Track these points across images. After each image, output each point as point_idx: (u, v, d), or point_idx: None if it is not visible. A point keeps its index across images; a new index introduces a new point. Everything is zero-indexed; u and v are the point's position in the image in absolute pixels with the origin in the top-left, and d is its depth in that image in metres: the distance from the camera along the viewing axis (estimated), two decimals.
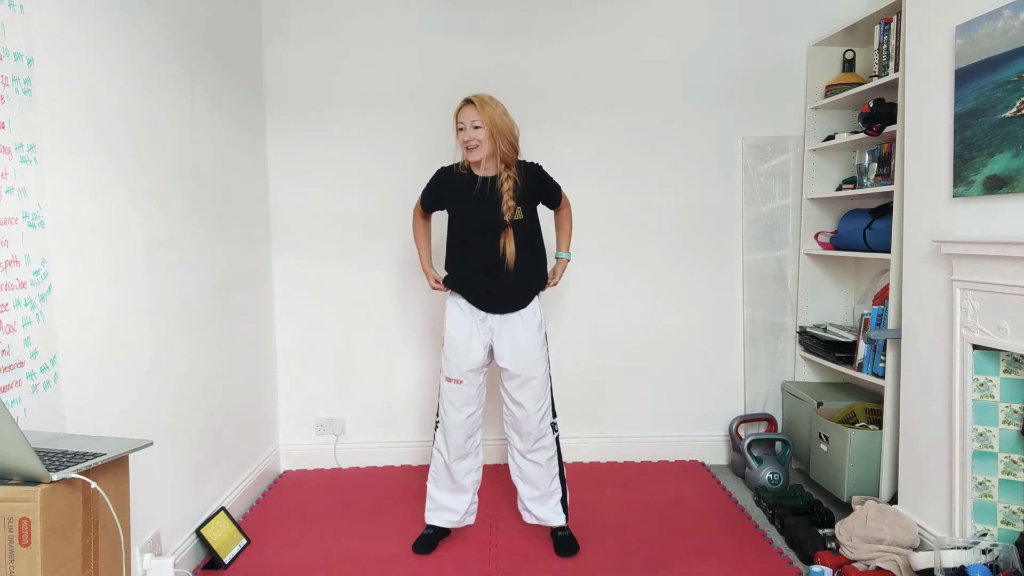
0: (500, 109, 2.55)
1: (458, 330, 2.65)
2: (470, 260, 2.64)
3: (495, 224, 2.57)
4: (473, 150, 2.54)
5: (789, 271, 3.62)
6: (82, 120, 1.98)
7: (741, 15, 3.55)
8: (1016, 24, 2.08)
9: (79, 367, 1.96)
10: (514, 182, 2.57)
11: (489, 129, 2.51)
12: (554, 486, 2.74)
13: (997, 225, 2.21)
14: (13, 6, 1.68)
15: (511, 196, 2.56)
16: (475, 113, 2.51)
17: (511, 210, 2.56)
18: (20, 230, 1.71)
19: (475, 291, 2.64)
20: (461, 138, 2.56)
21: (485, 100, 2.53)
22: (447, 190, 2.68)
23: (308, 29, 3.51)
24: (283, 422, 3.68)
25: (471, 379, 2.65)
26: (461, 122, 2.55)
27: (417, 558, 2.67)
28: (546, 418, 2.68)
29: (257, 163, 3.42)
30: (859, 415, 3.08)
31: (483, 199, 2.59)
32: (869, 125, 2.96)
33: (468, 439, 2.71)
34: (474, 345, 2.64)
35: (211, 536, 2.62)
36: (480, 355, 2.64)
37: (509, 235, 2.57)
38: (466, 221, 2.63)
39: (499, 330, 2.64)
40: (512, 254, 2.57)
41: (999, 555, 2.20)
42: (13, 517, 1.28)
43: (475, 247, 2.62)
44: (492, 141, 2.53)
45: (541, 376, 2.64)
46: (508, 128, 2.56)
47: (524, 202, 2.61)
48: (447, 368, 2.67)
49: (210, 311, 2.84)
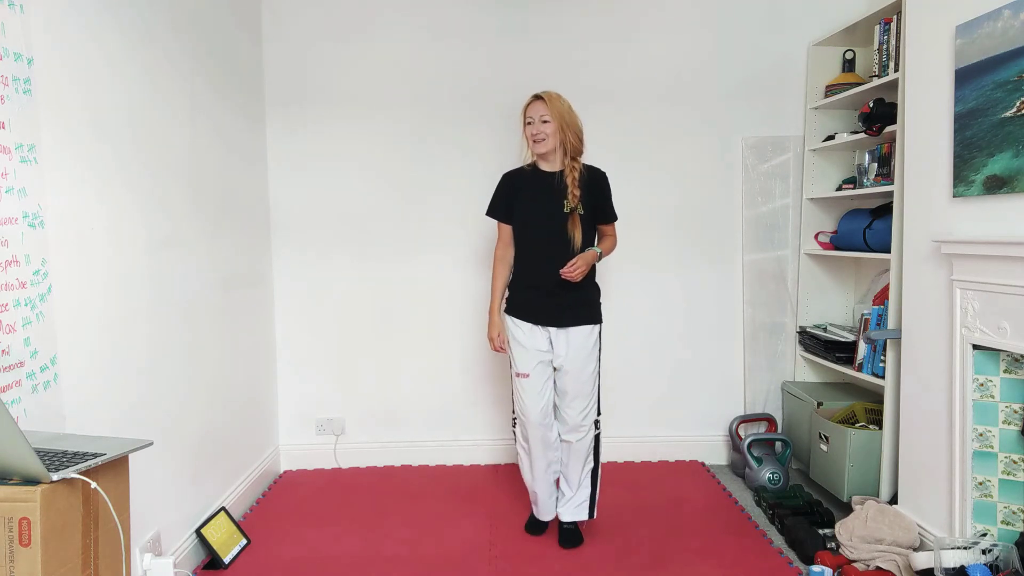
0: (567, 105, 2.65)
1: (518, 328, 2.72)
2: (532, 270, 2.68)
3: (555, 212, 2.63)
4: (540, 143, 2.63)
5: (789, 271, 3.62)
6: (82, 120, 1.98)
7: (741, 15, 3.55)
8: (1016, 24, 2.08)
9: (79, 367, 1.96)
10: (580, 173, 2.66)
11: (558, 123, 2.61)
12: (585, 480, 2.77)
13: (997, 225, 2.21)
14: (13, 6, 1.68)
15: (576, 185, 2.63)
16: (544, 108, 2.61)
17: (575, 198, 2.62)
18: (20, 230, 1.71)
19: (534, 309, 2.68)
20: (529, 132, 2.65)
21: (553, 96, 2.63)
22: (515, 188, 2.73)
23: (308, 27, 3.51)
24: (283, 422, 3.68)
25: (539, 372, 2.70)
26: (530, 116, 2.65)
27: (417, 557, 2.67)
28: (590, 415, 2.72)
29: (258, 162, 3.42)
30: (859, 415, 3.08)
31: (549, 191, 2.66)
32: (869, 125, 2.96)
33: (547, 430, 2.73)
34: (537, 338, 2.70)
35: (211, 536, 2.62)
36: (544, 347, 2.70)
37: (576, 221, 2.62)
38: (532, 211, 2.68)
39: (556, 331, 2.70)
40: (579, 240, 2.62)
41: (999, 555, 2.20)
42: (13, 517, 1.28)
43: (535, 248, 2.67)
44: (559, 135, 2.62)
45: (589, 373, 2.70)
46: (575, 122, 2.66)
47: (586, 199, 2.66)
48: (514, 364, 2.74)
49: (210, 310, 2.84)
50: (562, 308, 2.66)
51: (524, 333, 2.70)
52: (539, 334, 2.70)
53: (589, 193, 2.67)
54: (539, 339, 2.69)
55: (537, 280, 2.67)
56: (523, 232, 2.71)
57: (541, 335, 2.70)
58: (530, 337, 2.69)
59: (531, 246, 2.69)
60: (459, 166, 3.59)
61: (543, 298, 2.67)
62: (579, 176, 2.65)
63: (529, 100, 2.66)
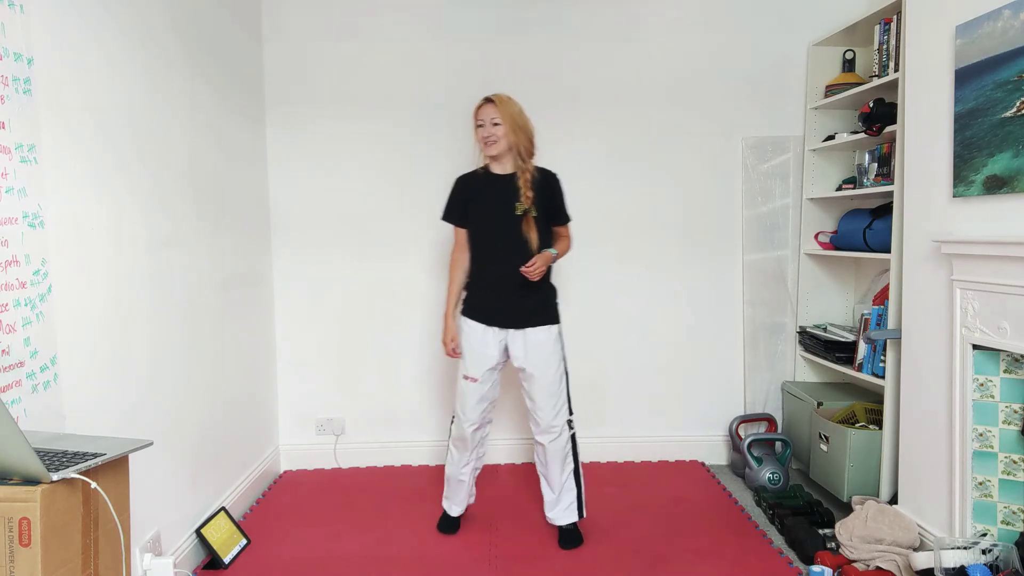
0: (518, 107, 2.67)
1: (472, 331, 2.71)
2: (487, 271, 2.69)
3: (508, 214, 2.63)
4: (492, 145, 2.64)
5: (789, 271, 3.62)
6: (82, 120, 1.98)
7: (741, 15, 3.55)
8: (1016, 24, 2.08)
9: (79, 367, 1.96)
10: (531, 175, 2.67)
11: (509, 125, 2.62)
12: (568, 483, 2.76)
13: (997, 225, 2.21)
14: (13, 6, 1.68)
15: (528, 187, 2.65)
16: (495, 111, 2.62)
17: (528, 199, 2.63)
18: (20, 230, 1.71)
19: (489, 310, 2.69)
20: (480, 134, 2.66)
21: (504, 98, 2.65)
22: (469, 191, 2.74)
23: (308, 27, 3.51)
24: (283, 422, 3.68)
25: (487, 377, 2.71)
26: (480, 119, 2.65)
27: (417, 557, 2.67)
28: (561, 415, 2.71)
29: (257, 161, 3.42)
30: (859, 415, 3.08)
31: (501, 193, 2.67)
32: (869, 125, 2.96)
33: (477, 430, 2.77)
34: (489, 344, 2.69)
35: (211, 536, 2.62)
36: (495, 355, 2.70)
37: (530, 223, 2.63)
38: (480, 213, 2.69)
39: (513, 333, 2.69)
40: (536, 241, 2.63)
41: (999, 555, 2.20)
42: (13, 517, 1.28)
43: (489, 250, 2.68)
44: (510, 137, 2.63)
45: (554, 373, 2.69)
46: (526, 125, 2.67)
47: (539, 201, 2.67)
48: (464, 367, 2.72)
49: (210, 310, 2.84)
50: (519, 310, 2.67)
51: (477, 338, 2.69)
52: (492, 340, 2.69)
53: (541, 195, 2.69)
54: (491, 345, 2.69)
55: (493, 282, 2.68)
56: (479, 235, 2.72)
57: (494, 341, 2.69)
58: (482, 343, 2.69)
59: (487, 249, 2.70)
60: (459, 166, 3.58)
61: (500, 300, 2.67)
62: (531, 178, 2.66)
63: (480, 103, 2.67)
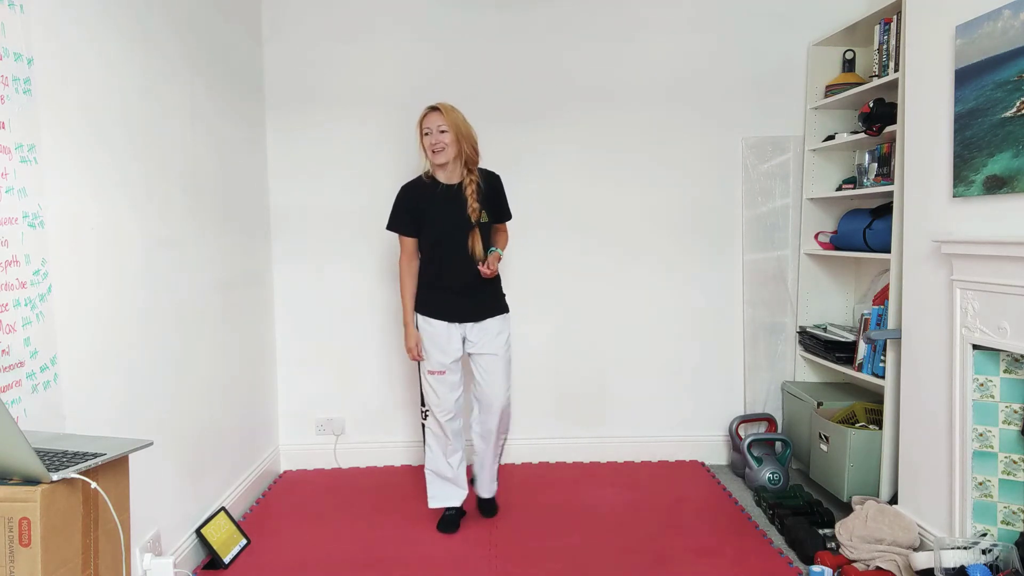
0: (462, 116, 2.77)
1: (436, 329, 2.83)
2: (445, 275, 2.81)
3: (463, 224, 2.76)
4: (439, 152, 2.72)
5: (789, 271, 3.62)
6: (82, 120, 1.98)
7: (741, 15, 3.55)
8: (1016, 24, 2.08)
9: (79, 367, 1.96)
10: (477, 186, 2.79)
11: (454, 133, 2.71)
12: (497, 458, 3.03)
13: (997, 225, 2.21)
14: (13, 6, 1.68)
15: (475, 199, 2.77)
16: (441, 118, 2.71)
17: (476, 211, 2.77)
18: (20, 230, 1.71)
19: (450, 308, 2.82)
20: (427, 142, 2.75)
21: (448, 107, 2.75)
22: (417, 201, 2.81)
23: (308, 28, 3.51)
24: (283, 422, 3.68)
25: (454, 368, 2.86)
26: (427, 127, 2.74)
27: (417, 557, 2.67)
28: (507, 392, 2.94)
29: (257, 162, 3.42)
30: (859, 415, 3.08)
31: (450, 203, 2.78)
32: (869, 125, 2.96)
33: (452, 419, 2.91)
34: (453, 338, 2.83)
35: (211, 536, 2.62)
36: (459, 347, 2.85)
37: (476, 236, 2.77)
38: (434, 224, 2.79)
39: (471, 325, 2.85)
40: (481, 252, 2.78)
41: (999, 555, 2.20)
42: (13, 517, 1.28)
43: (446, 257, 2.79)
44: (457, 144, 2.72)
45: (505, 354, 2.89)
46: (470, 133, 2.78)
47: (487, 206, 2.82)
48: (429, 364, 2.85)
49: (210, 310, 2.84)
50: (478, 304, 2.83)
51: (439, 333, 2.82)
52: (455, 334, 2.83)
53: (488, 199, 2.82)
54: (455, 339, 2.83)
55: (450, 283, 2.81)
56: (436, 244, 2.80)
57: (456, 334, 2.83)
58: (447, 338, 2.82)
59: (442, 255, 2.80)
60: None
61: (457, 298, 2.81)
62: (477, 188, 2.78)
63: (425, 112, 2.75)
